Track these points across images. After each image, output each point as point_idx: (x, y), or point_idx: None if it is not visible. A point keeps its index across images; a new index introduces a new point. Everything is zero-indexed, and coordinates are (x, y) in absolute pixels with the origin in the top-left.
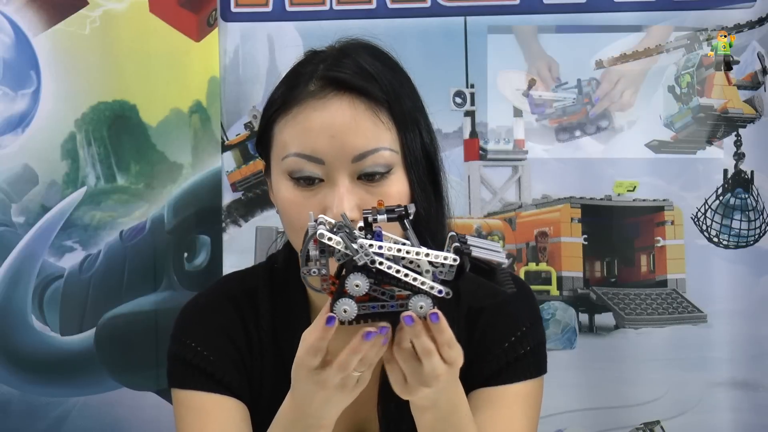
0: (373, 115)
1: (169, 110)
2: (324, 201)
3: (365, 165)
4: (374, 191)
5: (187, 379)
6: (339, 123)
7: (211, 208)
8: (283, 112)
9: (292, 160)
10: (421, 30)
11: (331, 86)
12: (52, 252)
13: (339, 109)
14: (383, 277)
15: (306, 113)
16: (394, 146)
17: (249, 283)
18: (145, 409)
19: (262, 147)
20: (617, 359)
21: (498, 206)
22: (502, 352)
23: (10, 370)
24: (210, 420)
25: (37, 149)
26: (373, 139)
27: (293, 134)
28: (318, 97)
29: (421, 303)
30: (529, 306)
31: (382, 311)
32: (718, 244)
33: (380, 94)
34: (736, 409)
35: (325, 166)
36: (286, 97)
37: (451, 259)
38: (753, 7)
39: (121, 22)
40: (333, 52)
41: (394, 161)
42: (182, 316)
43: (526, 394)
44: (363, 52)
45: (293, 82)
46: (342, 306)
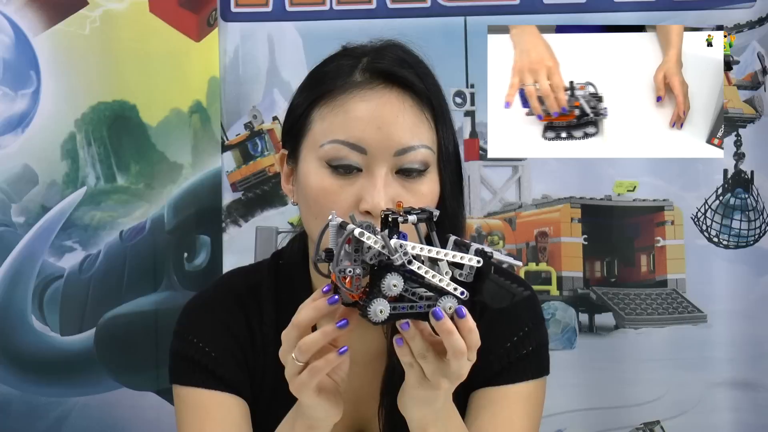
0: (419, 111)
1: (169, 110)
2: (360, 191)
3: (405, 160)
4: (409, 187)
5: (188, 376)
6: (387, 114)
7: (211, 208)
8: (326, 101)
9: (332, 147)
10: (421, 30)
11: (379, 78)
12: (52, 252)
13: (388, 102)
14: (414, 278)
15: (353, 102)
16: (433, 145)
17: (253, 279)
18: (145, 409)
19: (291, 135)
20: (617, 359)
21: (498, 206)
22: (505, 352)
23: (10, 370)
24: (210, 418)
25: (37, 149)
26: (416, 135)
27: (337, 122)
28: (366, 87)
29: (450, 303)
30: (532, 307)
31: (411, 312)
32: (718, 244)
33: (425, 90)
34: (736, 409)
35: (367, 156)
36: (329, 86)
37: (475, 261)
38: (753, 7)
39: (121, 22)
40: (373, 47)
41: (431, 160)
42: (185, 312)
43: (528, 394)
44: (402, 50)
45: (334, 72)
46: (378, 307)
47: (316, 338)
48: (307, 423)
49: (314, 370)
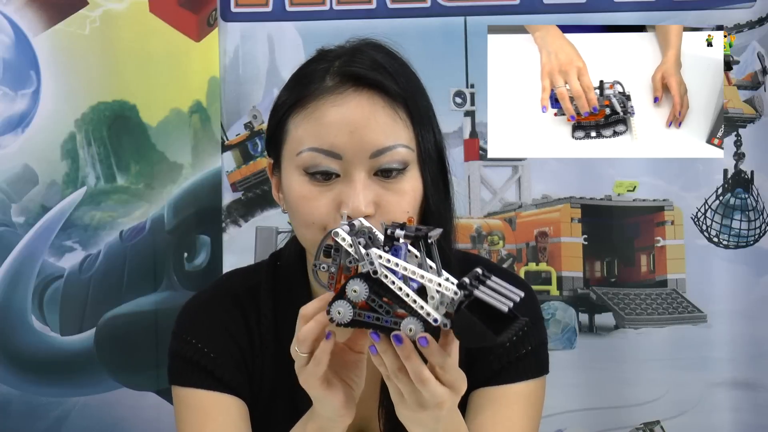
0: (391, 112)
1: (169, 110)
2: (339, 196)
3: (383, 161)
4: (390, 187)
5: (187, 377)
6: (358, 118)
7: (211, 208)
8: (299, 108)
9: (308, 155)
10: (421, 30)
11: (349, 82)
12: (52, 252)
13: (358, 105)
14: (384, 292)
15: (324, 108)
16: (411, 143)
17: (252, 280)
18: (145, 409)
19: (272, 144)
20: (617, 359)
21: (498, 206)
22: (504, 352)
23: (10, 370)
24: (209, 419)
25: (37, 149)
26: (391, 136)
27: (310, 129)
28: (336, 92)
29: (411, 326)
30: (531, 305)
31: (376, 323)
32: (718, 244)
33: (398, 90)
34: (736, 409)
35: (343, 161)
36: (302, 92)
37: (452, 291)
38: (753, 7)
39: (121, 22)
40: (347, 50)
41: (410, 158)
42: (184, 312)
43: (528, 393)
44: (376, 51)
45: (307, 78)
46: (337, 307)
47: (311, 326)
48: (318, 424)
49: (316, 358)
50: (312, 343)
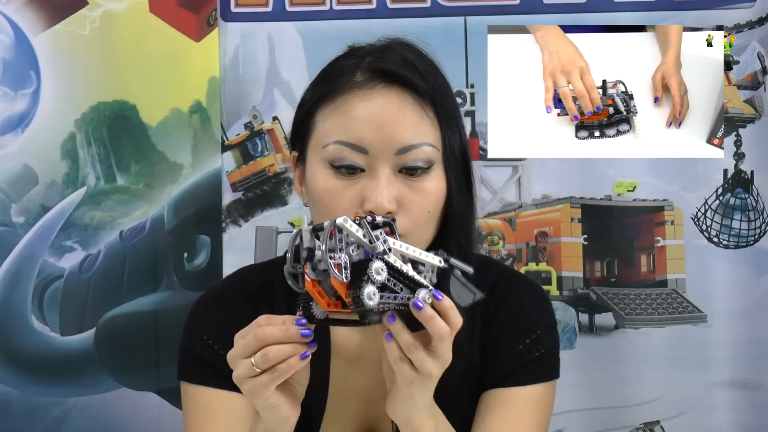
0: (420, 110)
1: (169, 110)
2: (363, 191)
3: (408, 159)
4: (413, 186)
5: (196, 374)
6: (386, 114)
7: (211, 208)
8: (328, 101)
9: (334, 148)
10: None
11: (379, 77)
12: (52, 252)
13: (387, 101)
14: (393, 271)
15: (352, 102)
16: (437, 143)
17: (265, 277)
18: (145, 409)
19: (298, 137)
20: (617, 359)
21: (498, 206)
22: (516, 354)
23: (10, 370)
24: (216, 417)
25: (37, 149)
26: (418, 134)
27: (338, 122)
28: (366, 87)
29: (423, 293)
30: (545, 310)
31: (394, 302)
32: (718, 244)
33: (427, 89)
34: (736, 409)
35: (368, 156)
36: (331, 86)
37: (437, 260)
38: (753, 7)
39: (121, 22)
40: (377, 47)
41: (435, 158)
42: (196, 307)
43: (537, 397)
44: (407, 49)
45: (337, 73)
46: (370, 289)
47: (286, 351)
48: (264, 426)
49: (276, 373)
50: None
